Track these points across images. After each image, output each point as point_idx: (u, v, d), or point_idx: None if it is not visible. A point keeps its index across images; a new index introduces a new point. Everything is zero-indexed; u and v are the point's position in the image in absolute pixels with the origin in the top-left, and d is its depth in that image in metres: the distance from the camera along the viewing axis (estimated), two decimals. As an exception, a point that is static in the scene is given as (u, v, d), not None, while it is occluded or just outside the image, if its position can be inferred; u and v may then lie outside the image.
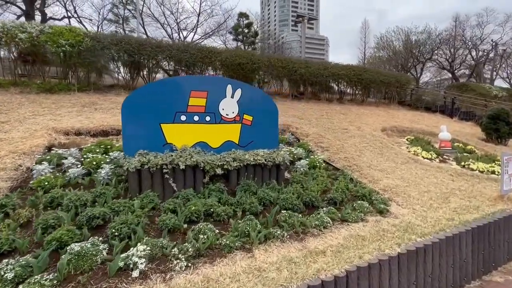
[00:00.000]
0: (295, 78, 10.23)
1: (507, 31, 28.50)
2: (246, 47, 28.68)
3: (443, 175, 5.51)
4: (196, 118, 3.99)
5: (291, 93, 10.88)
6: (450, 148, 7.34)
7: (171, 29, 24.77)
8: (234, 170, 3.88)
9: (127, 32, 23.86)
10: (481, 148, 8.19)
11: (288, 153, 5.04)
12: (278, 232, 2.85)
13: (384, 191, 4.36)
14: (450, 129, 10.33)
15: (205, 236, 2.60)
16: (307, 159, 5.08)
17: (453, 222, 3.35)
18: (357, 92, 12.61)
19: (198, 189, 3.65)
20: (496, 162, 6.47)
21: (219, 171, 3.73)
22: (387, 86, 13.03)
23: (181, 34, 25.54)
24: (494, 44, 27.88)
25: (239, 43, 29.35)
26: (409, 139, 8.12)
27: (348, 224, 3.28)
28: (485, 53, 27.16)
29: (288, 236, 2.87)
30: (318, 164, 4.89)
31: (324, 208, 3.50)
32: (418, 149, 6.86)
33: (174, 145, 3.85)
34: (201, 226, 2.76)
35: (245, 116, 4.34)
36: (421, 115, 12.25)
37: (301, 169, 4.72)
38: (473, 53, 28.19)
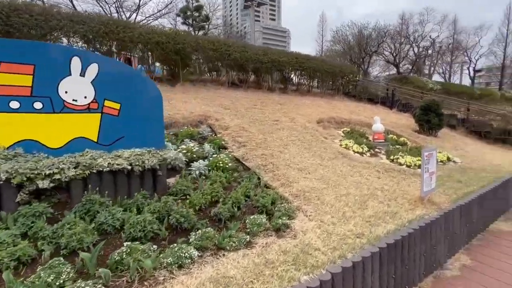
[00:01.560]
0: (229, 63, 9.13)
1: (444, 30, 30.91)
2: (197, 33, 26.66)
3: (369, 171, 4.97)
4: (14, 104, 2.67)
5: (228, 80, 9.78)
6: (383, 141, 6.99)
7: (109, 7, 21.68)
8: (76, 180, 2.68)
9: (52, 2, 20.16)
10: (413, 139, 8.08)
11: (185, 151, 3.97)
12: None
13: (295, 197, 3.56)
14: (387, 120, 10.27)
15: None
16: (210, 159, 4.07)
17: (361, 241, 2.62)
18: (302, 81, 12.03)
19: (6, 211, 2.39)
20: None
21: (44, 183, 2.50)
22: (332, 76, 12.68)
23: (124, 16, 22.53)
24: (432, 41, 30.05)
25: (190, 28, 27.18)
26: (345, 131, 7.64)
27: (224, 255, 2.34)
28: (424, 49, 29.09)
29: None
30: (222, 164, 3.90)
31: (199, 231, 2.51)
32: (350, 142, 6.33)
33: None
34: None
35: (108, 103, 3.12)
36: (363, 106, 12.14)
37: (197, 172, 3.69)
38: (415, 49, 30.07)
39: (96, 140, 3.08)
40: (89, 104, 3.01)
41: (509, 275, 3.08)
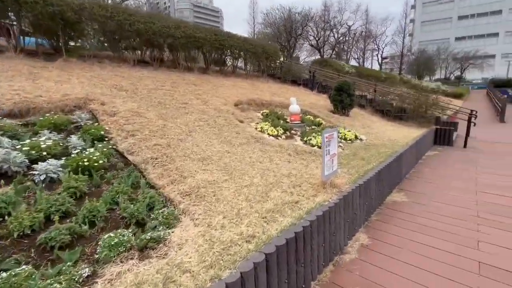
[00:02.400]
0: (129, 36, 7.66)
1: (357, 18, 34.05)
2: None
3: (281, 155, 4.70)
4: None
5: (134, 58, 8.29)
6: (300, 122, 6.93)
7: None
8: None
9: None
10: (328, 119, 8.37)
11: (28, 148, 2.85)
12: None
13: (185, 196, 2.91)
14: (307, 101, 10.52)
15: None
16: (72, 156, 3.04)
17: (248, 246, 2.17)
18: (225, 61, 11.25)
19: None
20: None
21: None
22: (256, 57, 12.27)
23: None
24: (348, 28, 32.81)
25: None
26: (264, 114, 7.33)
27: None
28: (342, 36, 31.59)
29: None
30: (88, 163, 2.94)
31: None
32: (266, 125, 6.00)
33: None
34: None
35: None
36: (287, 88, 12.21)
37: (41, 177, 2.66)
38: (335, 35, 32.44)
39: None
40: None
41: (398, 250, 3.16)
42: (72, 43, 7.52)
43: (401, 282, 2.62)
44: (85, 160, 2.94)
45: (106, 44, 8.30)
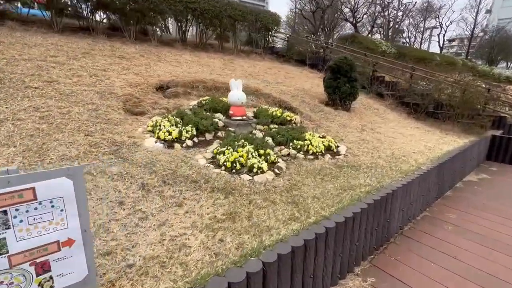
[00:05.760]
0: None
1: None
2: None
3: (127, 187, 2.50)
4: None
5: (55, 22, 6.49)
6: (243, 118, 4.51)
7: None
8: None
9: None
10: (309, 115, 5.72)
11: None
12: None
13: None
14: (297, 85, 7.76)
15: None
16: None
17: None
18: (199, 31, 8.94)
19: None
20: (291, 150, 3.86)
21: None
22: (247, 27, 9.72)
23: None
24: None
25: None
26: (202, 102, 5.02)
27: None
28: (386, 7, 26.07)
29: None
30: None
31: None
32: (164, 121, 3.74)
33: None
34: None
35: None
36: (281, 68, 9.51)
37: None
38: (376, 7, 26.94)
39: None
40: None
41: None
42: None
43: None
44: None
45: None
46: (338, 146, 4.35)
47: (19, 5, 7.54)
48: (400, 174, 3.55)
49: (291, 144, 4.06)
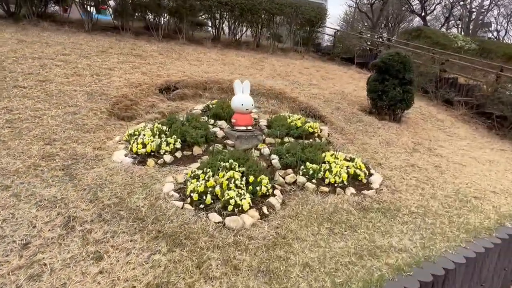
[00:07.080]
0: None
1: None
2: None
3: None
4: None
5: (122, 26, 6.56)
6: (249, 128, 3.63)
7: None
8: None
9: None
10: (341, 127, 4.53)
11: None
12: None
13: None
14: (336, 88, 6.52)
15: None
16: None
17: None
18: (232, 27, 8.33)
19: None
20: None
21: None
22: (285, 20, 8.76)
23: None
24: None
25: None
26: (207, 106, 4.30)
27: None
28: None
29: None
30: None
31: None
32: (143, 130, 3.12)
33: None
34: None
35: None
36: (320, 67, 8.25)
37: None
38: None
39: None
40: None
41: None
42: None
43: None
44: None
45: None
46: (370, 175, 3.16)
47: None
48: (465, 234, 2.25)
49: (302, 167, 3.04)
